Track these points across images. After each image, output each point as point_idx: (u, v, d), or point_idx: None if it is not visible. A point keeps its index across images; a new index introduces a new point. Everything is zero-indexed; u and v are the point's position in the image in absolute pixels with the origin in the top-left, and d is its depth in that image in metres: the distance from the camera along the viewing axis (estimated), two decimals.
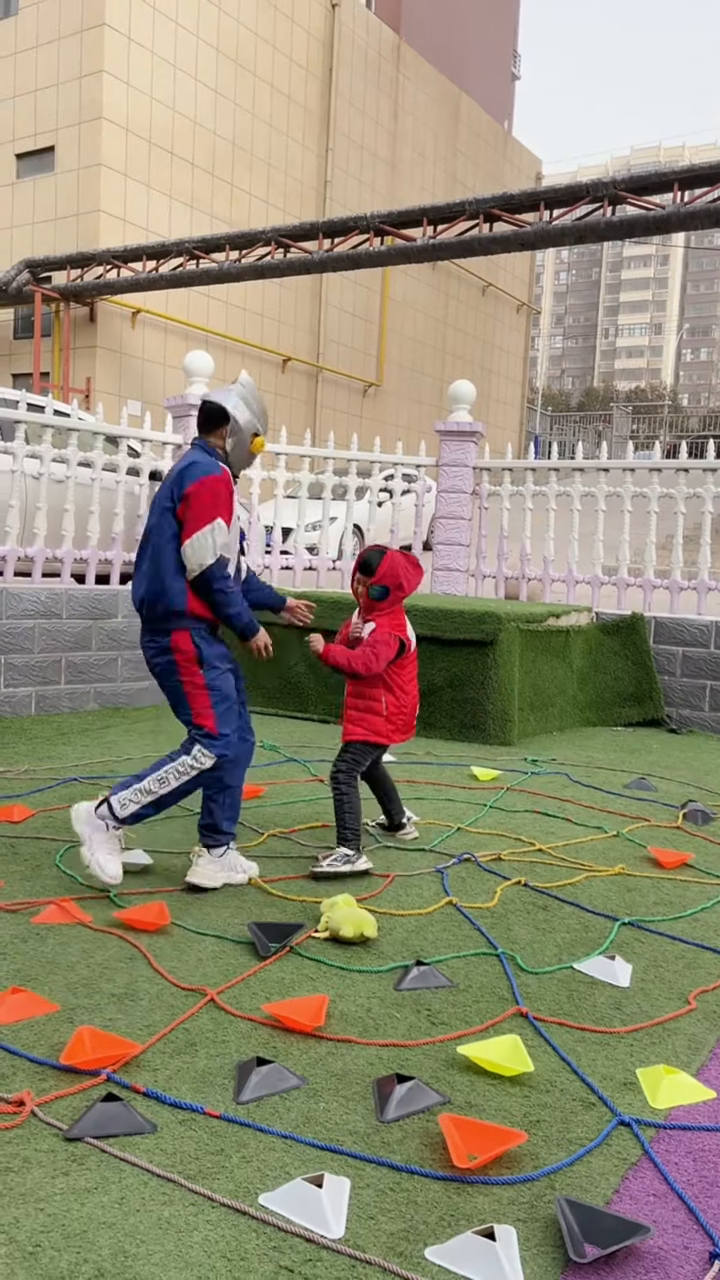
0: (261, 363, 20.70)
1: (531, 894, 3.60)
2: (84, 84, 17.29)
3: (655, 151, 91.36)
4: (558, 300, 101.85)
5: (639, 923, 3.35)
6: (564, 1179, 1.98)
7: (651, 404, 48.71)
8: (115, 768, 5.21)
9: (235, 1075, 2.28)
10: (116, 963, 2.85)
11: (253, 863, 3.67)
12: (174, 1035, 2.46)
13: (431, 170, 25.48)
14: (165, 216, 18.36)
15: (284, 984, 2.78)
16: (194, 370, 7.55)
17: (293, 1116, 2.15)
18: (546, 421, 38.96)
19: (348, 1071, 2.34)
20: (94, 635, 6.78)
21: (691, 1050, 2.52)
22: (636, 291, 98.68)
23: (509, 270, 28.84)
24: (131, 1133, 2.04)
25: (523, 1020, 2.64)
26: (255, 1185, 1.91)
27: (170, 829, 4.19)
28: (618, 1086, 2.33)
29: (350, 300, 22.86)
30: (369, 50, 22.97)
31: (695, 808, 4.78)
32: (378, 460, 8.30)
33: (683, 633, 7.15)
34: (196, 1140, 2.04)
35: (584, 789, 5.24)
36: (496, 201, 13.65)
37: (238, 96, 19.72)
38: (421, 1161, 2.01)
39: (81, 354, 17.75)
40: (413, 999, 2.73)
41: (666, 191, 12.35)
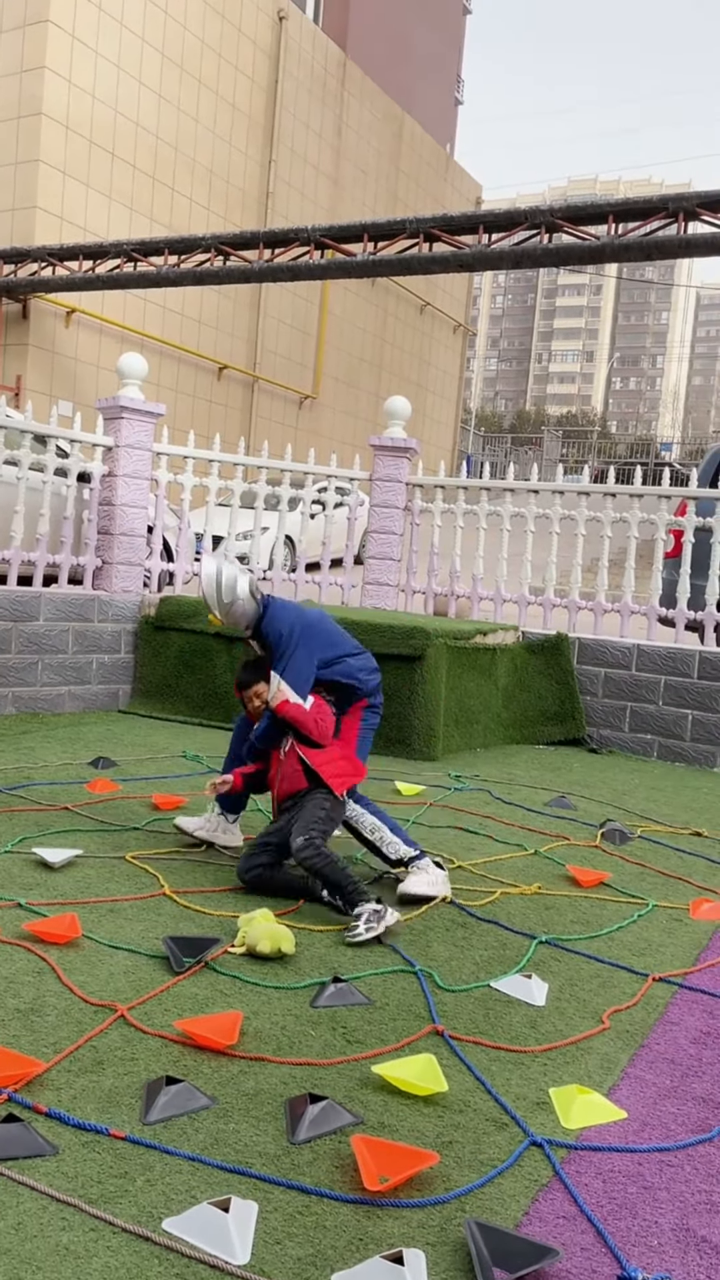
0: (198, 369, 20.54)
1: (451, 910, 3.59)
2: (24, 79, 16.99)
3: (592, 183, 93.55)
4: (493, 323, 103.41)
5: (556, 941, 3.37)
6: (475, 1201, 1.96)
7: (582, 429, 49.69)
8: (30, 774, 5.08)
9: (143, 1095, 2.21)
10: (23, 976, 2.76)
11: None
12: (81, 1053, 2.38)
13: (373, 187, 25.64)
14: (104, 217, 18.13)
15: (198, 1000, 2.72)
16: (127, 372, 7.45)
17: (201, 1138, 2.09)
18: (479, 442, 39.43)
19: (260, 1091, 2.29)
20: (14, 638, 6.62)
21: (604, 1070, 2.53)
22: (570, 319, 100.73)
23: (447, 291, 29.14)
24: (31, 1155, 1.97)
25: (439, 1039, 2.62)
26: (159, 1209, 1.85)
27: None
28: (531, 1106, 2.32)
29: (289, 311, 22.84)
30: (315, 64, 23.05)
31: (613, 827, 4.84)
32: (312, 472, 8.28)
33: (605, 654, 7.26)
34: (100, 1163, 1.97)
35: (505, 806, 5.27)
36: (437, 222, 13.77)
37: (181, 101, 19.59)
38: (332, 1184, 1.97)
39: (12, 351, 17.39)
40: (329, 1016, 2.69)
41: (601, 223, 12.59)
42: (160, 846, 4.06)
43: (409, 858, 3.68)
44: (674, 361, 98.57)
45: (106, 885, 3.55)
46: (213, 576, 3.76)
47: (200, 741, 6.28)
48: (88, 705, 7.14)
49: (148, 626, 7.38)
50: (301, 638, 3.72)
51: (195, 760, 5.76)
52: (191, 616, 7.16)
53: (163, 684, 7.26)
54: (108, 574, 7.42)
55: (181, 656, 7.19)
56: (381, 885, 3.80)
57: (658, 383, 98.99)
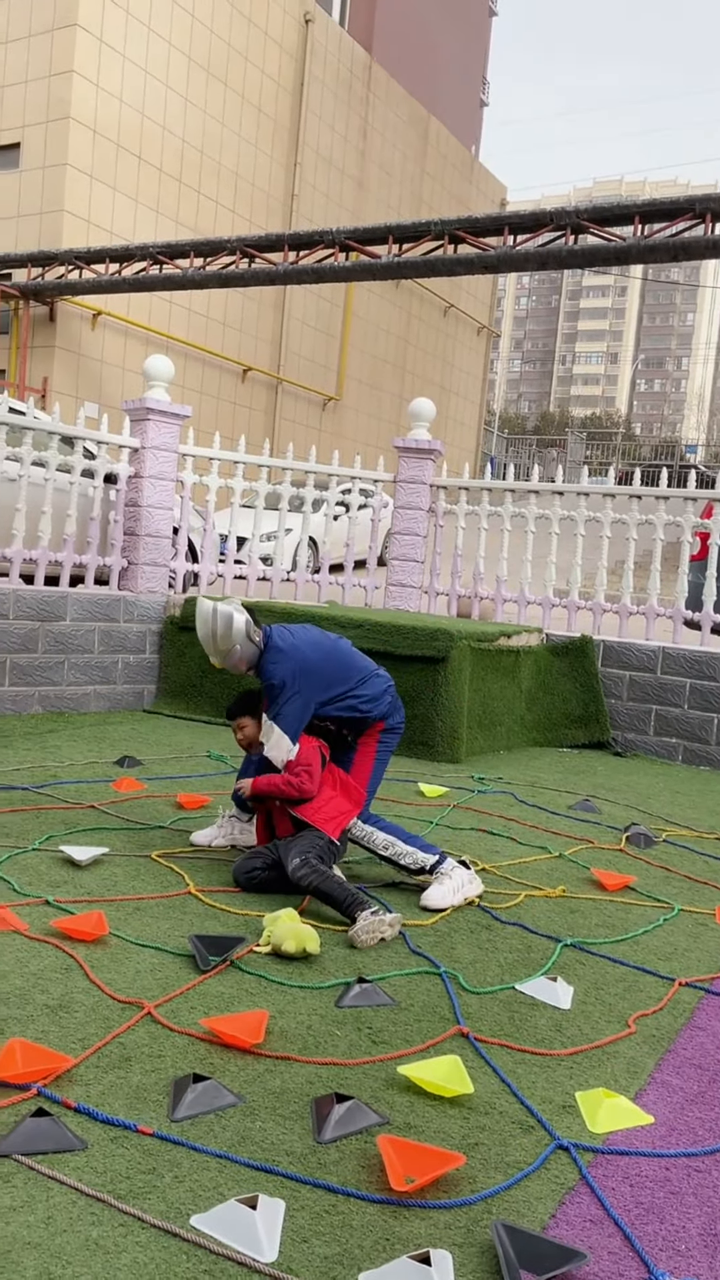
0: (222, 371, 20.63)
1: (475, 913, 3.59)
2: (52, 83, 17.13)
3: (617, 184, 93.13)
4: (517, 325, 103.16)
5: (581, 944, 3.36)
6: (501, 1203, 1.96)
7: (606, 431, 49.47)
8: (57, 772, 5.12)
9: (170, 1092, 2.23)
10: (52, 973, 2.78)
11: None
12: (108, 1049, 2.40)
13: (398, 190, 25.66)
14: (130, 220, 18.24)
15: (223, 999, 2.73)
16: (154, 374, 7.49)
17: (228, 1135, 2.10)
18: (502, 444, 39.35)
19: (286, 1090, 2.30)
20: (41, 637, 6.67)
21: (630, 1074, 2.52)
22: (594, 321, 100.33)
23: (471, 293, 29.10)
24: (61, 1150, 1.98)
25: (463, 1040, 2.62)
26: (187, 1206, 1.86)
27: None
28: (557, 1110, 2.32)
29: (313, 313, 22.89)
30: (340, 67, 23.10)
31: (638, 831, 4.82)
32: (335, 473, 8.30)
33: (630, 657, 7.23)
34: (128, 1158, 1.99)
35: (529, 809, 5.26)
36: (462, 224, 13.76)
37: (208, 105, 19.69)
38: (359, 1184, 1.97)
39: (39, 353, 17.53)
40: (354, 1016, 2.70)
41: (628, 224, 12.54)
42: (185, 845, 4.08)
43: (430, 865, 3.66)
44: (699, 363, 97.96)
45: (132, 883, 3.57)
46: (208, 619, 3.68)
47: (224, 741, 6.30)
48: (113, 704, 7.18)
49: (172, 627, 7.41)
50: (298, 687, 3.60)
51: (220, 760, 5.78)
52: None
53: (187, 684, 7.29)
54: (133, 574, 7.46)
55: (205, 657, 7.20)
56: (404, 891, 3.80)
57: (683, 384, 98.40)
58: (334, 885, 3.34)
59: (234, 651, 3.69)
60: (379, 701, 3.75)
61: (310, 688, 3.61)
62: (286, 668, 3.61)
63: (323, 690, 3.65)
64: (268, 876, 3.56)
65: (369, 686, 3.75)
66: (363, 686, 3.74)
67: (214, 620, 3.67)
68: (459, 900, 3.59)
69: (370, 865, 4.01)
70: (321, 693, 3.65)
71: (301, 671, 3.61)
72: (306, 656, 3.66)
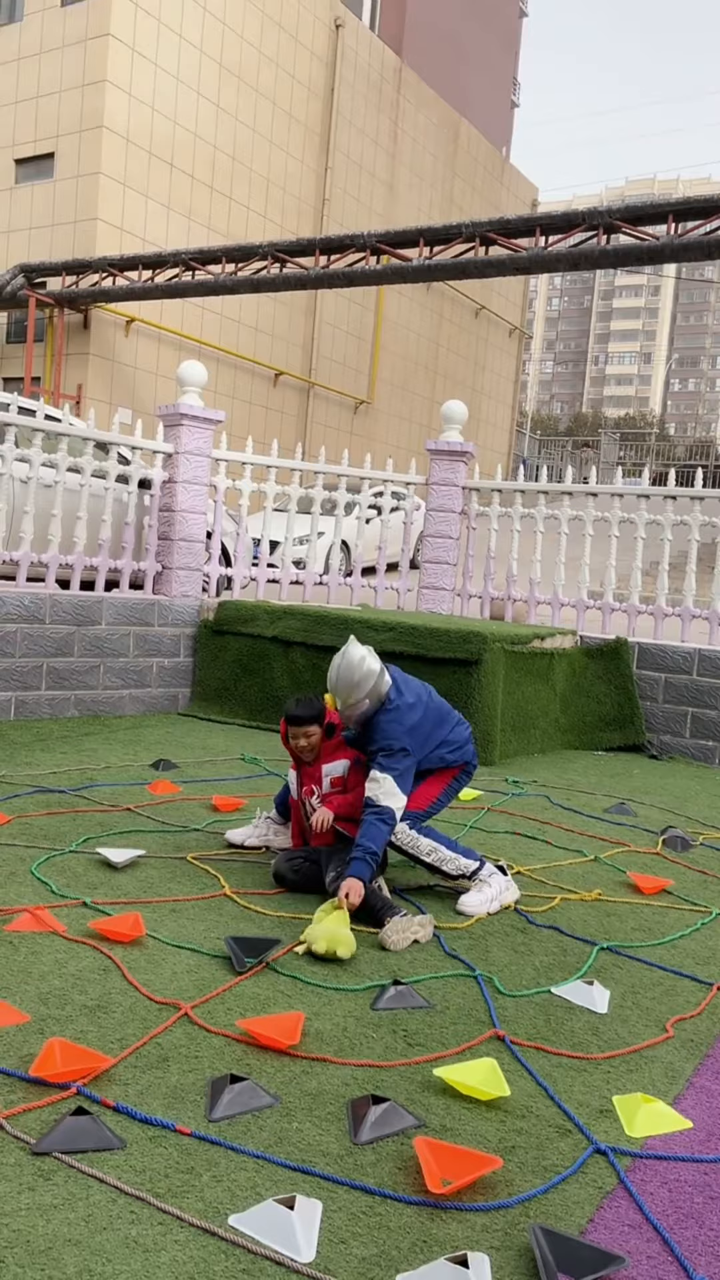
0: (254, 376, 20.72)
1: (510, 916, 3.58)
2: (86, 93, 17.32)
3: (650, 183, 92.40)
4: (549, 326, 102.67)
5: (617, 948, 3.34)
6: (539, 1206, 1.95)
7: (639, 432, 49.08)
8: (93, 775, 5.17)
9: (208, 1092, 2.24)
10: (90, 974, 2.81)
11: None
12: (146, 1049, 2.42)
13: (429, 192, 25.65)
14: (163, 227, 18.38)
15: (260, 1000, 2.75)
16: (187, 380, 7.55)
17: (265, 1136, 2.11)
18: (535, 445, 39.18)
19: (322, 1091, 2.31)
20: (77, 642, 6.74)
21: (669, 1079, 2.50)
22: (627, 320, 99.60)
23: (502, 294, 29.02)
24: (100, 1148, 2.00)
25: (499, 1043, 2.62)
26: (225, 1205, 1.88)
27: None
28: (594, 1114, 2.31)
29: (344, 317, 22.94)
30: (371, 72, 23.14)
31: (674, 834, 4.78)
32: (367, 477, 8.31)
33: (665, 659, 7.17)
34: (166, 1158, 2.00)
35: (564, 812, 5.23)
36: (493, 225, 13.74)
37: (239, 112, 19.80)
38: (395, 1185, 1.98)
39: (74, 360, 17.71)
40: (389, 1019, 2.70)
41: (661, 223, 12.45)
42: (220, 847, 4.11)
43: (471, 871, 3.66)
44: None
45: (169, 885, 3.60)
46: (354, 668, 3.54)
47: (258, 744, 6.33)
48: (148, 708, 7.24)
49: (206, 631, 7.46)
50: (413, 748, 3.61)
51: (254, 763, 5.81)
52: (250, 621, 7.22)
53: (221, 687, 7.33)
54: (167, 579, 7.52)
55: (239, 660, 7.25)
56: (440, 896, 3.80)
57: (718, 384, 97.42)
58: (369, 894, 3.33)
59: (363, 705, 3.60)
60: (463, 749, 3.83)
61: (417, 748, 3.65)
62: (405, 728, 3.60)
63: (422, 747, 3.69)
64: (310, 869, 3.61)
65: (455, 734, 3.82)
66: (452, 734, 3.80)
67: (359, 671, 3.55)
68: (495, 908, 3.60)
69: (405, 869, 4.02)
70: (421, 749, 3.68)
71: (414, 731, 3.63)
72: (419, 719, 3.67)
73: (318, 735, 3.70)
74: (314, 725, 3.68)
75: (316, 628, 6.93)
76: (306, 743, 3.70)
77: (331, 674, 3.58)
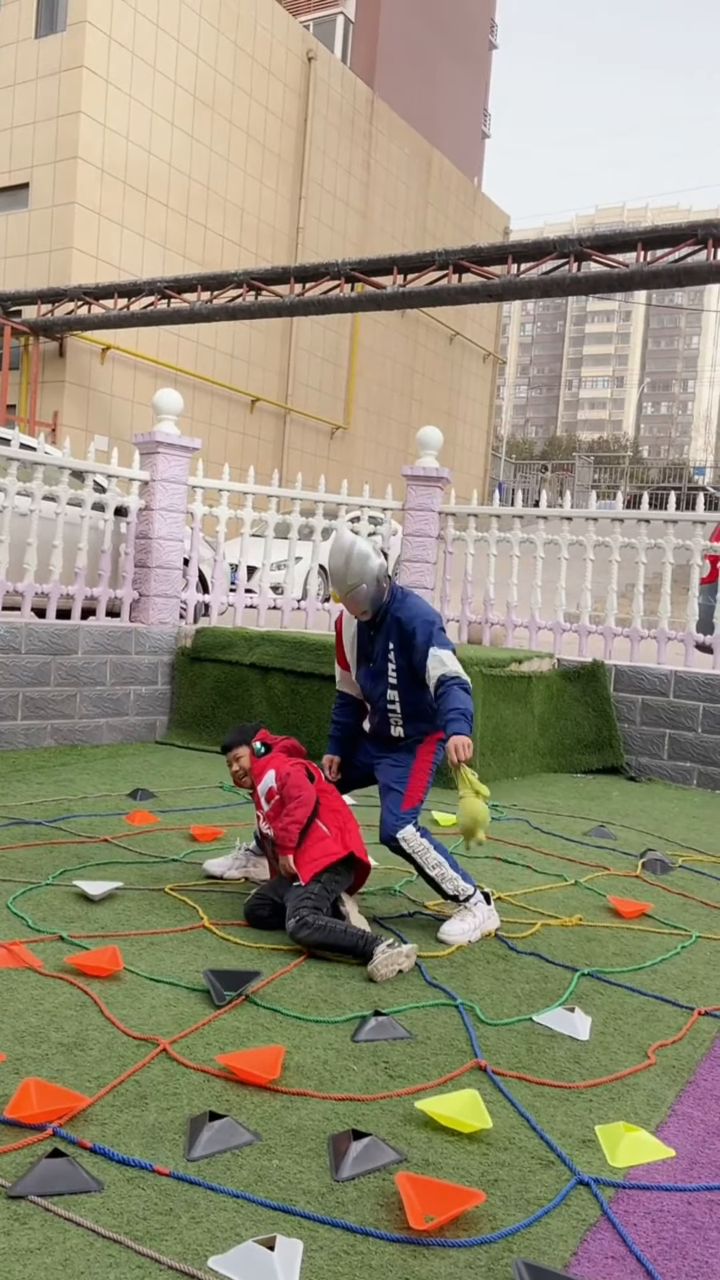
0: (231, 402, 20.79)
1: (491, 943, 3.57)
2: (60, 123, 17.43)
3: (619, 211, 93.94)
4: (523, 351, 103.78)
5: (598, 974, 3.33)
6: (522, 1240, 1.93)
7: (613, 454, 49.58)
8: (70, 806, 5.12)
9: (186, 1130, 2.21)
10: (66, 1010, 2.77)
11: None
12: (124, 1087, 2.39)
13: (403, 221, 25.93)
14: (138, 255, 18.47)
15: (239, 1034, 2.72)
16: (163, 408, 7.56)
17: (245, 1174, 2.08)
18: (510, 469, 39.46)
19: (303, 1127, 2.28)
20: (53, 671, 6.69)
21: (651, 1107, 2.49)
22: (599, 345, 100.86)
23: (476, 320, 29.32)
24: (77, 1191, 1.97)
25: (481, 1074, 2.60)
26: (205, 1247, 1.85)
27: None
28: (576, 1144, 2.29)
29: (320, 344, 23.09)
30: (343, 103, 23.43)
31: (654, 857, 4.79)
32: (344, 502, 8.34)
33: (642, 681, 7.21)
34: (145, 1199, 1.97)
35: (544, 836, 5.23)
36: (465, 253, 13.89)
37: (213, 142, 19.98)
38: (377, 1222, 1.95)
39: (50, 388, 17.71)
40: (370, 1050, 2.68)
41: (630, 250, 12.64)
42: (199, 878, 4.07)
43: (465, 895, 3.61)
44: (705, 385, 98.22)
45: (146, 918, 3.57)
46: (344, 550, 3.59)
47: None
48: (126, 736, 7.19)
49: (184, 658, 7.43)
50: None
51: (233, 791, 5.77)
52: (227, 647, 7.21)
53: (199, 715, 7.30)
54: (144, 606, 7.49)
55: (218, 687, 7.23)
56: (420, 924, 3.78)
57: (689, 407, 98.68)
58: (337, 935, 3.24)
59: (360, 590, 3.59)
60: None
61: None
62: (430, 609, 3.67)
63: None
64: (272, 920, 3.50)
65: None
66: None
67: (350, 552, 3.59)
68: (476, 936, 3.57)
69: (385, 898, 4.00)
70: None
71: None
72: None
73: (246, 756, 3.79)
74: (239, 748, 3.78)
75: (294, 653, 6.92)
76: (238, 767, 3.80)
77: (328, 564, 3.67)
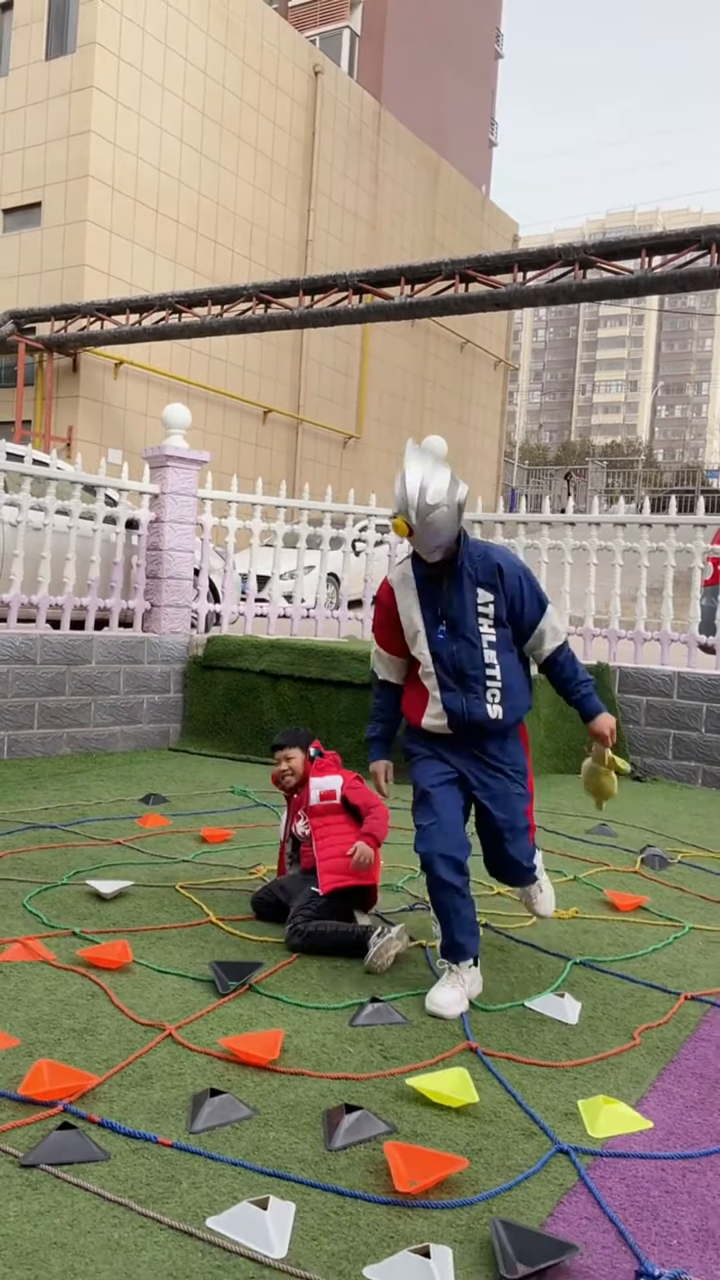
0: (243, 414, 21.02)
1: (488, 934, 3.68)
2: (71, 143, 17.75)
3: (630, 215, 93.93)
4: (536, 357, 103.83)
5: (591, 962, 3.44)
6: (501, 1203, 2.06)
7: (627, 459, 49.56)
8: (85, 811, 5.28)
9: (189, 1106, 2.35)
10: (78, 999, 2.91)
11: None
12: (131, 1068, 2.52)
13: (411, 231, 26.16)
14: (149, 271, 18.75)
15: (242, 1020, 2.85)
16: (172, 422, 7.73)
17: (243, 1145, 2.22)
18: (524, 475, 39.57)
19: (299, 1103, 2.41)
20: (68, 680, 6.86)
21: (633, 1083, 2.61)
22: (613, 350, 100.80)
23: (487, 328, 29.50)
24: (86, 1160, 2.11)
25: (472, 1055, 2.72)
26: (204, 1209, 1.98)
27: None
28: (559, 1117, 2.41)
29: (330, 355, 23.30)
30: (350, 116, 23.69)
31: (653, 853, 4.89)
32: (351, 511, 8.48)
33: (646, 682, 7.31)
34: (148, 1167, 2.11)
35: (547, 834, 5.34)
36: (472, 263, 14.06)
37: (222, 158, 20.26)
38: (366, 1187, 2.08)
39: (64, 403, 17.99)
40: (366, 1034, 2.80)
41: (634, 257, 12.77)
42: (207, 877, 4.21)
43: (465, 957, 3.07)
44: (719, 387, 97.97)
45: (156, 914, 3.71)
46: (423, 464, 2.91)
47: (248, 776, 6.44)
48: (139, 744, 7.35)
49: (195, 666, 7.59)
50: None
51: (243, 794, 5.92)
52: (238, 655, 7.36)
53: (211, 722, 7.45)
54: (156, 616, 7.66)
55: (229, 695, 7.38)
56: (422, 918, 3.90)
57: (704, 409, 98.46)
58: (328, 936, 3.33)
59: (440, 514, 2.87)
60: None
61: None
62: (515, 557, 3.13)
63: None
64: (274, 913, 3.64)
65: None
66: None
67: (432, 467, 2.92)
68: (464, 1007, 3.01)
69: (388, 893, 4.12)
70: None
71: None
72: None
73: (299, 759, 3.74)
74: (294, 749, 3.74)
75: (304, 661, 7.07)
76: (287, 766, 3.73)
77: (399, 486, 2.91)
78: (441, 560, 2.99)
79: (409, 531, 2.90)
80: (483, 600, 3.02)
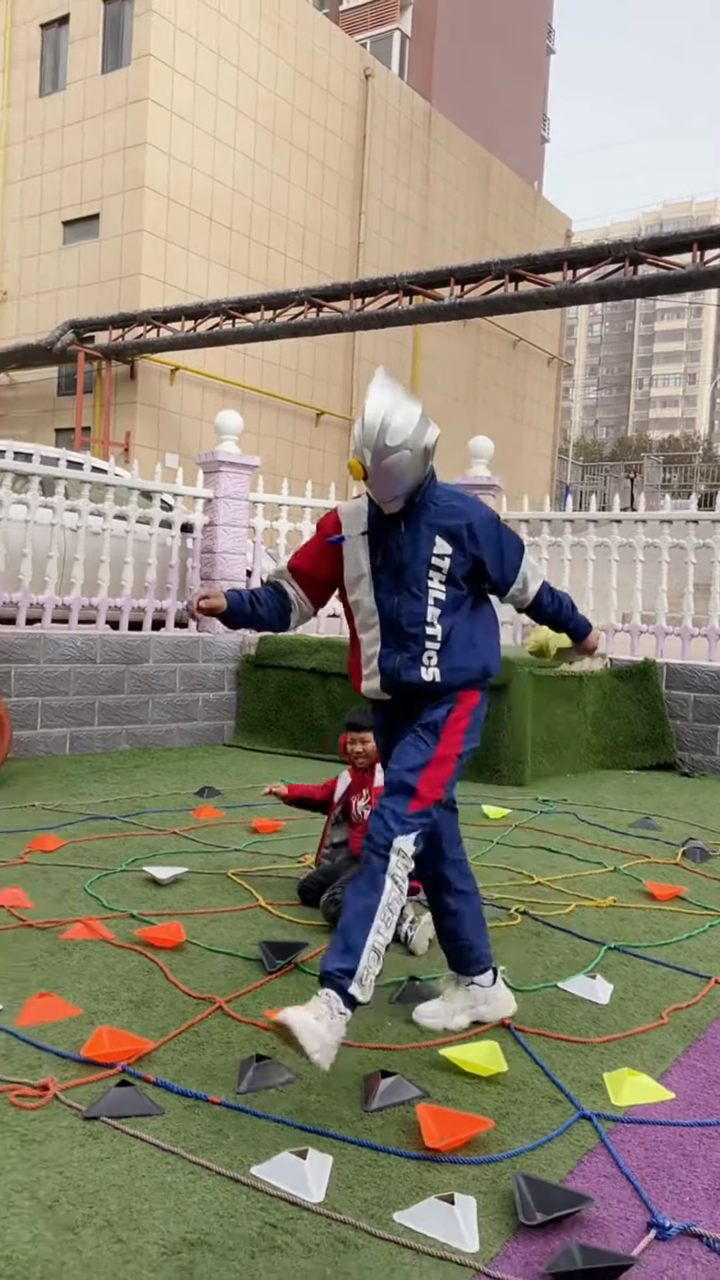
0: (296, 417, 21.28)
1: (526, 921, 3.82)
2: (128, 155, 18.15)
3: (688, 206, 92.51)
4: (591, 352, 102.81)
5: (625, 947, 3.56)
6: (525, 1161, 2.20)
7: (684, 453, 48.92)
8: (142, 803, 5.51)
9: (237, 1070, 2.53)
10: (135, 974, 3.12)
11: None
12: (184, 1036, 2.72)
13: (463, 230, 26.21)
14: (203, 278, 19.09)
15: (287, 996, 3.03)
16: (224, 428, 7.96)
17: (286, 1105, 2.39)
18: (579, 471, 39.32)
19: (339, 1070, 2.57)
20: (126, 679, 7.12)
21: (658, 1058, 2.73)
22: (670, 343, 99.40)
23: (540, 325, 29.41)
24: (142, 1114, 2.30)
25: (505, 1031, 2.86)
26: (248, 1159, 2.15)
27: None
28: (584, 1087, 2.55)
29: (383, 355, 23.47)
30: (401, 118, 23.82)
31: (695, 845, 4.97)
32: None
33: (694, 678, 7.35)
34: (199, 1122, 2.29)
35: (590, 827, 5.44)
36: (521, 262, 14.12)
37: (274, 165, 20.54)
38: (398, 1144, 2.24)
39: (122, 409, 18.42)
40: (405, 1010, 2.96)
41: (686, 251, 12.73)
42: (258, 865, 4.40)
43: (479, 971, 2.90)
44: None
45: (209, 899, 3.91)
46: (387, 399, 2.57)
47: (299, 771, 6.63)
48: (195, 740, 7.59)
49: (248, 665, 7.81)
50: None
51: None
52: (289, 654, 7.56)
53: (263, 718, 7.66)
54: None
55: (280, 692, 7.59)
56: None
57: None
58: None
59: (401, 457, 2.54)
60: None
61: None
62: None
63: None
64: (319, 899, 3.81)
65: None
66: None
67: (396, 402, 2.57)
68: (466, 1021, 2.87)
69: None
70: None
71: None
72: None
73: (374, 745, 3.85)
74: (370, 732, 3.81)
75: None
76: (362, 748, 3.90)
77: (356, 428, 2.59)
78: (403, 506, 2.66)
79: (364, 475, 2.57)
80: (439, 551, 2.67)
